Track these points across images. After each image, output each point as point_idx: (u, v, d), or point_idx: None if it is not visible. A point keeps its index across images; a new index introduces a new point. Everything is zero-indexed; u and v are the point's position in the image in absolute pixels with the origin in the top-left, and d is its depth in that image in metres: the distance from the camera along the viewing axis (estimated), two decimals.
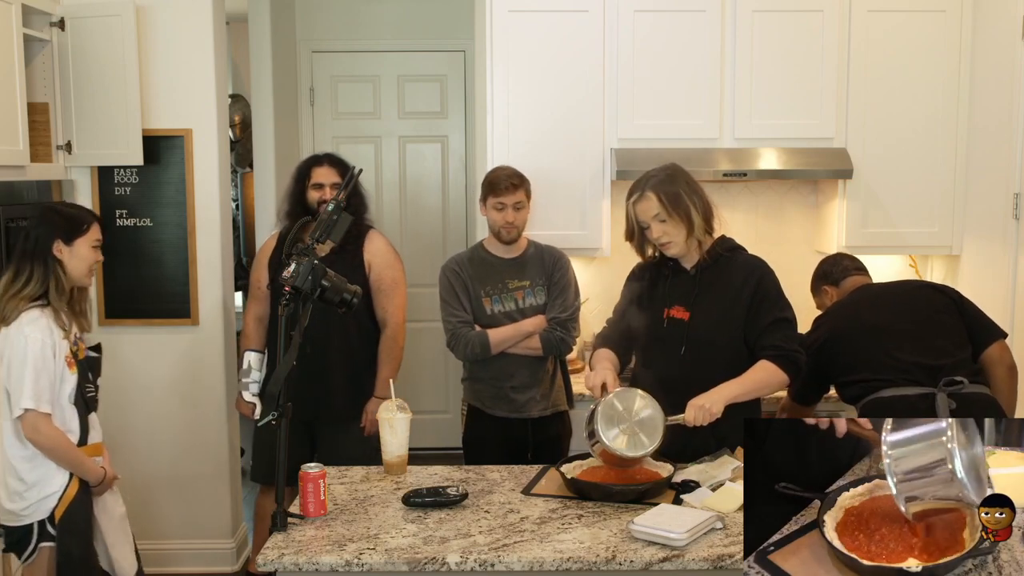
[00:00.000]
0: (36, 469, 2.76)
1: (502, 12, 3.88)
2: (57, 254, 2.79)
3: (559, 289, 3.42)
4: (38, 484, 2.76)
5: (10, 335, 2.73)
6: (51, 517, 2.76)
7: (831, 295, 3.37)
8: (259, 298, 3.77)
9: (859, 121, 3.94)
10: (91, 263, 2.87)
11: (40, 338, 2.71)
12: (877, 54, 3.92)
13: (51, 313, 2.78)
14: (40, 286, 2.76)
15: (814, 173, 3.97)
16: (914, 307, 3.09)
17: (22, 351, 2.70)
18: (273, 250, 3.75)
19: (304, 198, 3.69)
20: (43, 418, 2.72)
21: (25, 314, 2.74)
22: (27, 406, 2.69)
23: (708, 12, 3.89)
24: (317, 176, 3.68)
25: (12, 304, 2.75)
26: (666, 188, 2.79)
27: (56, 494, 2.77)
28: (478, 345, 3.34)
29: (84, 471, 2.82)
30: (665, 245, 2.84)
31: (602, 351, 2.98)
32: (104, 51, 3.90)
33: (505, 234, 3.39)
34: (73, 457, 2.79)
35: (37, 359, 2.70)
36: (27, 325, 2.72)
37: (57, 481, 2.78)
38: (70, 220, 2.84)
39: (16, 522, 2.78)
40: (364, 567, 2.23)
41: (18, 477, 2.76)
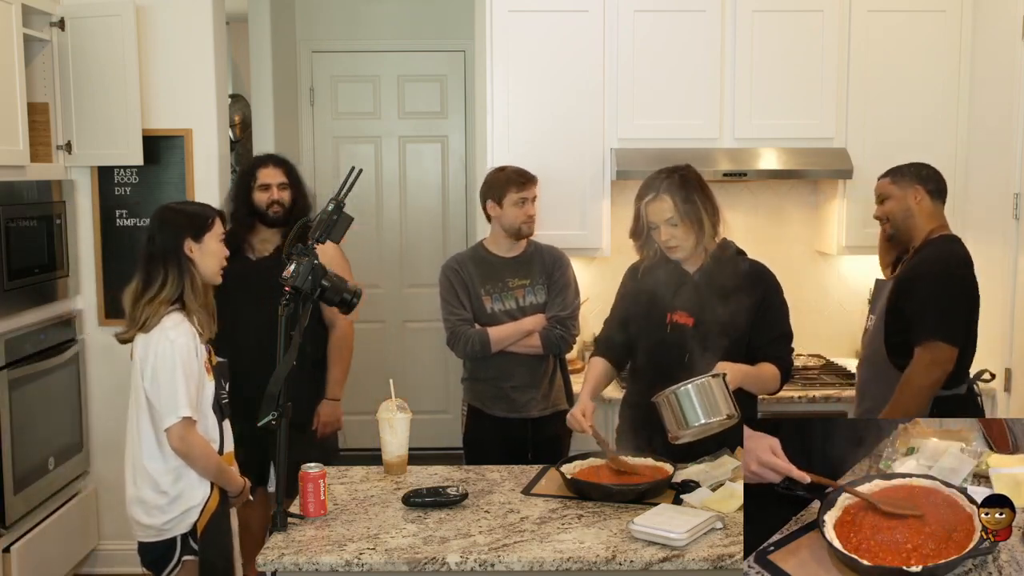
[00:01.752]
0: (179, 481, 2.63)
1: (502, 12, 3.88)
2: (189, 253, 2.67)
3: (559, 288, 3.42)
4: (181, 497, 2.63)
5: (152, 341, 2.60)
6: (193, 531, 2.64)
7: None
8: None
9: (859, 121, 3.95)
10: (221, 257, 2.76)
11: (185, 343, 2.59)
12: (877, 54, 3.93)
13: (189, 316, 2.66)
14: (177, 288, 2.64)
15: (814, 173, 3.97)
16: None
17: (170, 357, 2.57)
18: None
19: (250, 199, 3.59)
20: (191, 426, 2.59)
21: (167, 318, 2.61)
22: (185, 414, 2.55)
23: (708, 12, 3.89)
24: (263, 177, 3.59)
25: (151, 309, 2.61)
26: (681, 193, 2.77)
27: (198, 507, 2.64)
28: (478, 343, 3.34)
29: (226, 481, 2.71)
30: (672, 248, 2.82)
31: (594, 362, 2.98)
32: (104, 51, 3.90)
33: (526, 229, 3.40)
34: (217, 466, 2.66)
35: (186, 364, 2.58)
36: (171, 330, 2.59)
37: (199, 493, 2.64)
38: (195, 217, 2.73)
39: (156, 537, 2.64)
40: (364, 567, 2.23)
41: (159, 490, 2.62)
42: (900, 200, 3.06)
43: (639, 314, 2.91)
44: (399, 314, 5.81)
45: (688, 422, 2.52)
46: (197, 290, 2.68)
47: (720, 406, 2.51)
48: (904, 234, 3.07)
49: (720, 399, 2.52)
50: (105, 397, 4.13)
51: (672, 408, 2.53)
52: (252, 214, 3.58)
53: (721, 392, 2.53)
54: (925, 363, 2.89)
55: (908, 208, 3.05)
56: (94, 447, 4.15)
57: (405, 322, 5.80)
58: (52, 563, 3.82)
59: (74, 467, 4.02)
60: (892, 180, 3.10)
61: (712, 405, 2.51)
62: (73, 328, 4.08)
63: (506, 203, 3.38)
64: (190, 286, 2.66)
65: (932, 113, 3.94)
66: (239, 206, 3.62)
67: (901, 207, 3.06)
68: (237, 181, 3.71)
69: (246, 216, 3.59)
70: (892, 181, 3.10)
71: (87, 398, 4.15)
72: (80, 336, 4.12)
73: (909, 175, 3.08)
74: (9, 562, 3.49)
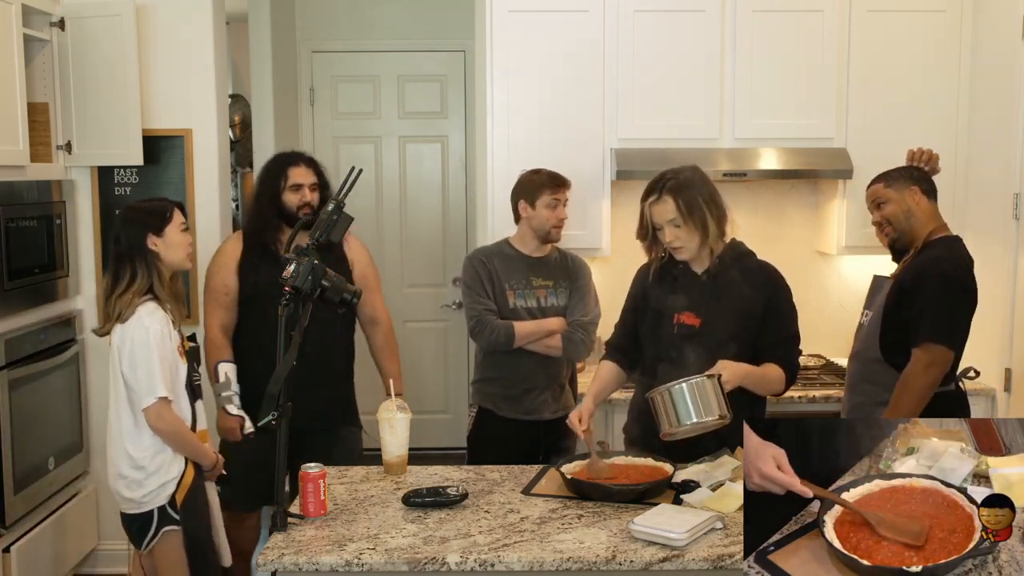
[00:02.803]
0: (156, 457, 2.82)
1: (502, 12, 3.88)
2: (153, 247, 2.86)
3: (581, 294, 3.44)
4: (158, 471, 2.82)
5: (128, 329, 2.79)
6: (172, 503, 2.83)
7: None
8: (225, 305, 3.43)
9: (859, 121, 3.95)
10: (186, 246, 2.95)
11: (159, 328, 2.80)
12: (877, 54, 3.93)
13: (161, 305, 2.87)
14: (146, 280, 2.84)
15: (814, 173, 3.97)
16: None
17: (145, 342, 2.77)
18: (242, 253, 3.43)
19: (279, 200, 3.39)
20: (167, 405, 2.80)
21: (142, 307, 2.81)
22: (161, 394, 2.76)
23: (708, 12, 3.89)
24: (296, 176, 3.40)
25: (124, 302, 2.82)
26: (684, 194, 2.75)
27: (175, 480, 2.84)
28: (503, 334, 3.34)
29: (200, 456, 2.90)
30: (677, 250, 2.81)
31: (603, 366, 2.99)
32: (104, 51, 3.90)
33: (555, 234, 3.42)
34: (191, 443, 2.87)
35: (161, 348, 2.78)
36: (146, 317, 2.80)
37: (176, 468, 2.84)
38: (154, 212, 2.91)
39: (136, 509, 2.84)
40: (364, 567, 2.23)
41: (136, 466, 2.81)
42: (899, 203, 3.06)
43: (647, 314, 2.91)
44: (399, 314, 5.78)
45: (680, 420, 2.55)
46: (164, 281, 2.89)
47: (713, 406, 2.54)
48: (907, 236, 3.06)
49: (713, 399, 2.54)
50: (105, 397, 4.08)
51: (665, 405, 2.57)
52: (280, 215, 3.40)
53: (715, 393, 2.55)
54: (923, 365, 2.89)
55: (908, 209, 3.05)
56: (94, 447, 4.15)
57: (405, 322, 5.79)
58: (52, 563, 3.82)
59: (74, 467, 4.02)
60: (886, 184, 3.09)
61: (705, 405, 2.53)
62: (73, 328, 4.08)
63: (539, 204, 3.39)
64: (157, 278, 2.87)
65: (932, 113, 3.94)
66: (266, 206, 3.42)
67: (901, 209, 3.05)
68: (264, 179, 3.47)
69: (274, 217, 3.40)
70: (887, 185, 3.09)
71: (87, 398, 4.15)
72: (80, 336, 4.12)
73: (902, 177, 3.08)
74: (9, 562, 3.49)
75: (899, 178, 3.08)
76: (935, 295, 2.91)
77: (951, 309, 2.93)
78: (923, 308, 2.91)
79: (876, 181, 3.13)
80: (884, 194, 3.08)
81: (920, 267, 2.98)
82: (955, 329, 2.95)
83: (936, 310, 2.90)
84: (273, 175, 3.43)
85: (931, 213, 3.07)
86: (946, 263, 2.95)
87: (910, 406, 2.87)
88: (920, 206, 3.05)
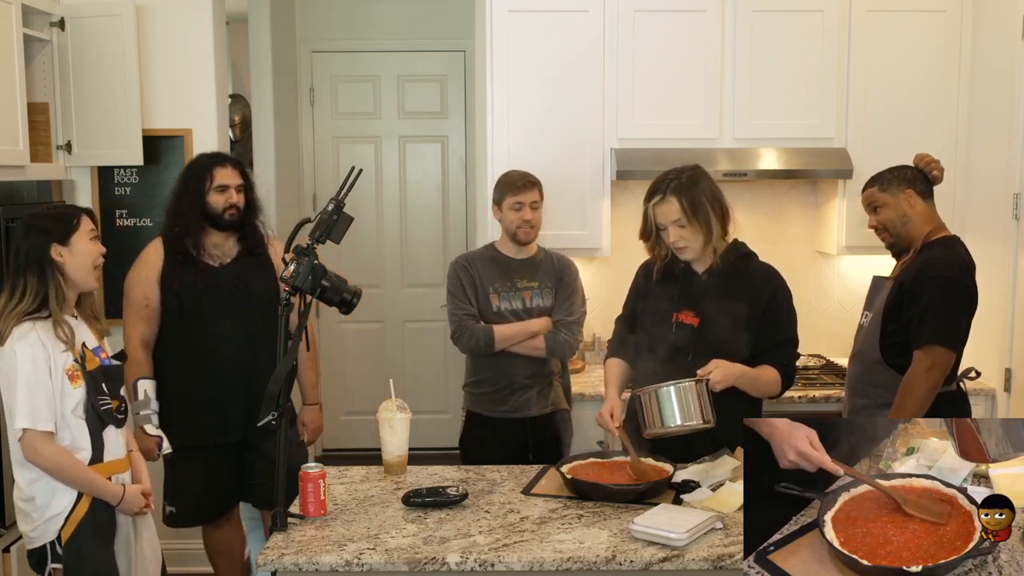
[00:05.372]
0: (42, 490, 2.62)
1: (502, 12, 3.88)
2: (58, 258, 2.62)
3: (567, 293, 3.43)
4: (45, 505, 2.62)
5: (3, 354, 2.58)
6: (59, 538, 2.63)
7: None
8: (146, 318, 3.30)
9: (859, 121, 3.95)
10: (94, 257, 2.69)
11: (30, 353, 2.55)
12: (877, 54, 3.93)
13: (49, 325, 2.61)
14: (35, 299, 2.60)
15: (814, 173, 3.97)
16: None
17: (12, 369, 2.55)
18: (164, 263, 3.30)
19: (204, 201, 3.29)
20: (42, 437, 2.56)
21: (16, 329, 2.58)
22: (22, 425, 2.54)
23: (708, 12, 3.89)
24: (221, 178, 3.30)
25: (4, 322, 2.59)
26: (688, 194, 2.75)
27: (62, 515, 2.62)
28: (482, 339, 3.34)
29: (97, 490, 2.66)
30: (681, 250, 2.81)
31: (611, 363, 2.99)
32: (104, 51, 3.90)
33: (523, 235, 3.39)
34: (80, 476, 2.62)
35: (29, 376, 2.54)
36: (17, 341, 2.56)
37: (62, 502, 2.62)
38: (59, 219, 2.67)
39: (31, 544, 2.67)
40: (364, 567, 2.23)
41: (25, 498, 2.64)
42: (894, 207, 3.04)
43: (647, 312, 2.92)
44: (399, 314, 5.81)
45: (664, 422, 2.61)
46: (62, 298, 2.63)
47: (697, 412, 2.60)
48: (904, 239, 3.06)
49: (698, 405, 2.60)
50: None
51: (651, 405, 2.62)
52: (204, 217, 3.30)
53: (701, 398, 2.60)
54: (925, 367, 2.89)
55: (904, 214, 3.04)
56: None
57: (405, 322, 5.80)
58: None
59: None
60: (880, 188, 3.07)
61: (690, 410, 2.60)
62: None
63: (504, 207, 3.39)
64: (54, 294, 2.62)
65: (932, 113, 3.94)
66: (189, 207, 3.31)
67: (897, 214, 3.04)
68: (187, 180, 3.37)
69: (198, 219, 3.30)
70: (881, 189, 3.07)
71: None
72: None
73: (896, 180, 3.05)
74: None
75: (893, 180, 3.06)
76: (936, 297, 2.90)
77: (952, 311, 2.93)
78: (924, 310, 2.91)
79: (870, 184, 3.12)
80: (879, 198, 3.07)
81: (920, 268, 2.97)
82: (956, 330, 2.95)
83: (937, 312, 2.90)
84: (197, 176, 3.34)
85: (928, 215, 3.06)
86: (946, 264, 2.95)
87: (914, 408, 2.87)
88: (916, 209, 3.04)
